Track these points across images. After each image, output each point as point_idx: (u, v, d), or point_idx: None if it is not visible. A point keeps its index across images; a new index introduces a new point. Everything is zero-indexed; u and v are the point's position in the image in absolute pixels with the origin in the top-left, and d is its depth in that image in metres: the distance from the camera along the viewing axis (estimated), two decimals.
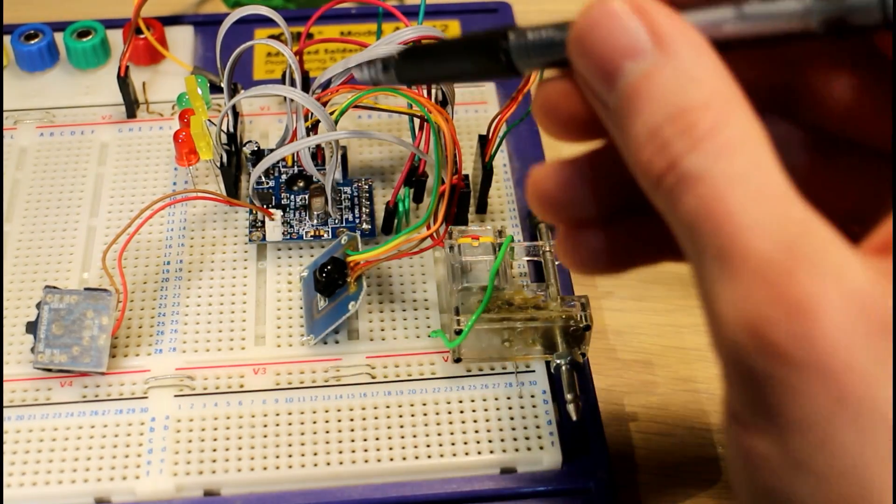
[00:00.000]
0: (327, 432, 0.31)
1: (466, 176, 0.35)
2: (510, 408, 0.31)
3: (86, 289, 0.32)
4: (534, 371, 0.32)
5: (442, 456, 0.30)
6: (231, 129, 0.37)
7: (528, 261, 0.35)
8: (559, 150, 0.39)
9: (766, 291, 0.16)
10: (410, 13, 0.35)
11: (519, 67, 0.22)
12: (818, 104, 0.21)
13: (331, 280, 0.32)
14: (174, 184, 0.38)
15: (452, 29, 0.44)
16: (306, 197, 0.36)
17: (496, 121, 0.34)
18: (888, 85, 0.20)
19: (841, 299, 0.16)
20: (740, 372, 0.17)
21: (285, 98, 0.34)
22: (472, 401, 0.32)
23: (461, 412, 0.31)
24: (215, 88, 0.39)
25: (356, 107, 0.34)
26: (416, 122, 0.35)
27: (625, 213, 0.23)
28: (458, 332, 0.31)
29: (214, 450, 0.30)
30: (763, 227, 0.17)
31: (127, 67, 0.39)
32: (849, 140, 0.21)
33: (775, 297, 0.16)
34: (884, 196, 0.20)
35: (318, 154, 0.37)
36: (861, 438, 0.16)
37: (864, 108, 0.21)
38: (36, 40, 0.41)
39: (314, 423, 0.31)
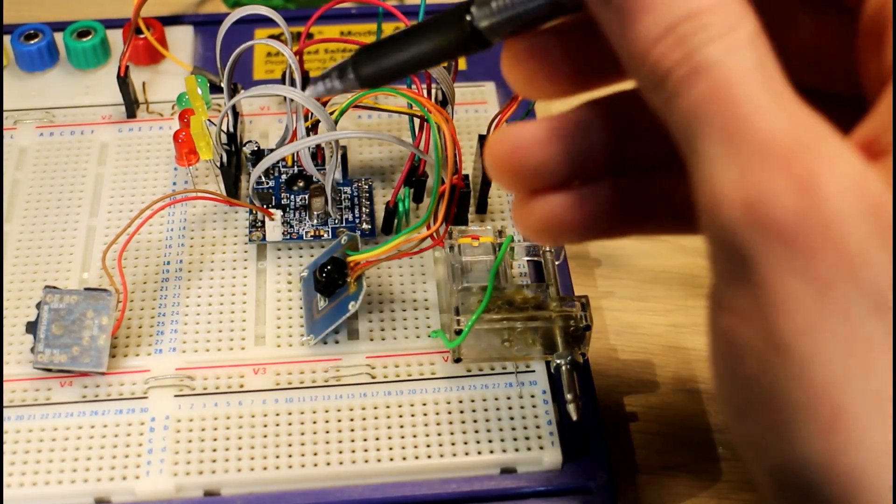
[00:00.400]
0: (327, 432, 0.31)
1: (466, 176, 0.35)
2: (510, 408, 0.31)
3: (86, 289, 0.32)
4: (534, 371, 0.32)
5: (442, 456, 0.30)
6: (231, 129, 0.37)
7: (528, 261, 0.35)
8: None
9: (771, 168, 0.16)
10: (410, 13, 0.35)
11: (487, 37, 0.21)
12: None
13: (331, 280, 0.32)
14: (174, 184, 0.38)
15: None
16: (306, 197, 0.36)
17: (496, 121, 0.34)
18: (849, 27, 0.20)
19: (843, 182, 0.16)
20: (730, 252, 0.17)
21: (285, 98, 0.34)
22: (472, 401, 0.32)
23: (461, 412, 0.31)
24: (215, 88, 0.39)
25: (356, 107, 0.35)
26: (416, 122, 0.35)
27: (597, 176, 0.23)
28: (458, 332, 0.31)
29: (214, 450, 0.30)
30: (771, 112, 0.17)
31: (127, 67, 0.39)
32: (811, 88, 0.22)
33: (781, 173, 0.16)
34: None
35: (317, 154, 0.37)
36: (848, 325, 0.16)
37: (828, 52, 0.21)
38: (36, 40, 0.41)
39: (314, 423, 0.31)
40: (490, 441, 0.31)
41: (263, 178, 0.37)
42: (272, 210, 0.36)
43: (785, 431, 0.17)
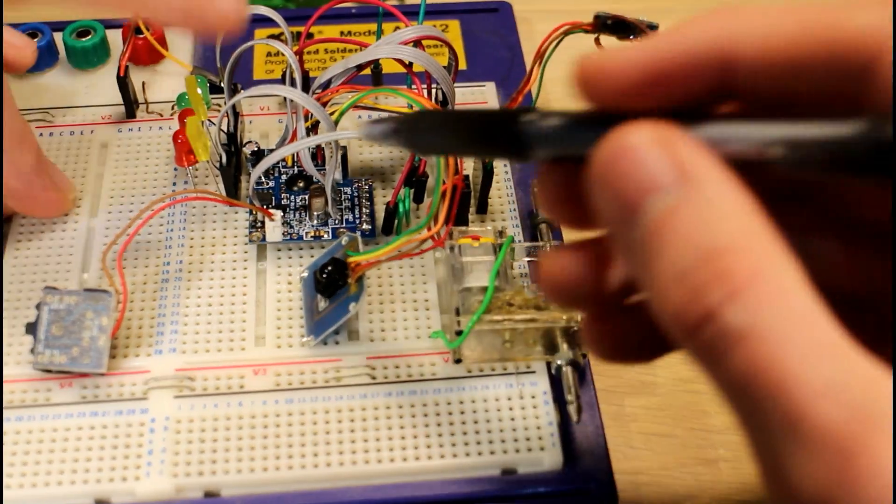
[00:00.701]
0: (328, 433, 0.31)
1: (467, 176, 0.35)
2: (511, 409, 0.31)
3: (85, 289, 0.32)
4: (534, 372, 0.32)
5: (442, 457, 0.30)
6: (231, 130, 0.37)
7: (528, 261, 0.35)
8: None
9: (843, 471, 0.15)
10: (410, 13, 0.35)
11: (533, 154, 0.20)
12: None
13: (331, 281, 0.32)
14: (174, 184, 0.38)
15: (452, 29, 0.44)
16: (306, 197, 0.36)
17: None
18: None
19: None
20: None
21: (285, 98, 0.34)
22: (473, 402, 0.32)
23: (462, 413, 0.31)
24: (215, 88, 0.39)
25: (356, 107, 0.34)
26: None
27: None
28: (459, 333, 0.31)
29: (214, 451, 0.30)
30: (830, 391, 0.15)
31: (126, 67, 0.39)
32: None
33: (854, 479, 0.15)
34: None
35: (318, 154, 0.37)
36: None
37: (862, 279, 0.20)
38: (35, 40, 0.41)
39: (314, 423, 0.31)
40: (490, 442, 0.31)
41: (263, 179, 0.37)
42: (272, 210, 0.36)
43: None
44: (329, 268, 0.32)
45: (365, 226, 0.36)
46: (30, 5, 0.26)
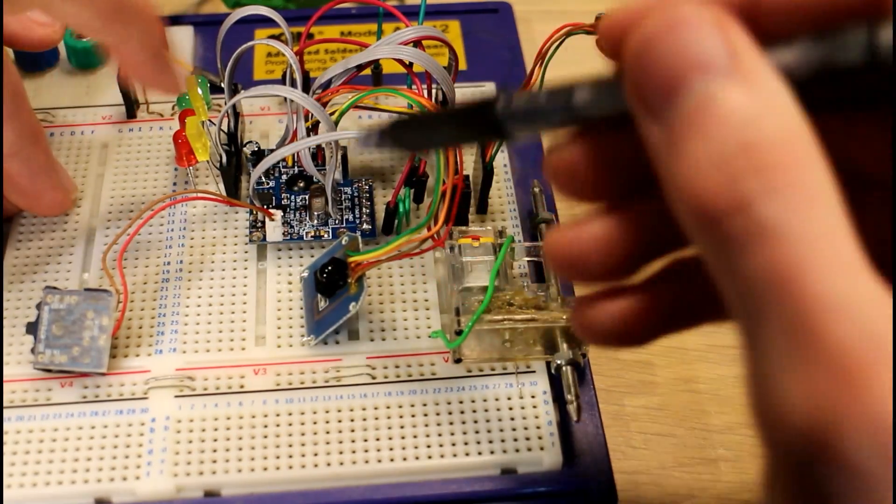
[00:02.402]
0: (328, 433, 0.31)
1: (467, 176, 0.35)
2: (511, 408, 0.31)
3: (86, 289, 0.32)
4: (534, 371, 0.32)
5: (442, 456, 0.30)
6: (231, 130, 0.37)
7: (528, 261, 0.35)
8: None
9: (848, 392, 0.14)
10: (410, 13, 0.35)
11: (512, 134, 0.21)
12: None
13: (332, 281, 0.32)
14: (174, 184, 0.38)
15: (453, 29, 0.44)
16: (306, 197, 0.36)
17: None
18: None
19: None
20: (791, 468, 0.16)
21: (285, 98, 0.34)
22: (473, 401, 0.32)
23: (462, 413, 0.31)
24: (216, 88, 0.39)
25: (356, 107, 0.34)
26: None
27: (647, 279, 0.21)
28: (459, 333, 0.31)
29: (215, 450, 0.30)
30: (846, 310, 0.15)
31: None
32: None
33: (854, 407, 0.14)
34: None
35: (318, 154, 0.37)
36: None
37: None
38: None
39: (314, 423, 0.31)
40: (490, 442, 0.31)
41: (264, 179, 0.37)
42: (272, 210, 0.36)
43: None
44: (329, 268, 0.32)
45: (365, 226, 0.36)
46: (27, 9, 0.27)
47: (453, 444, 0.30)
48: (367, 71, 0.37)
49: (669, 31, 0.17)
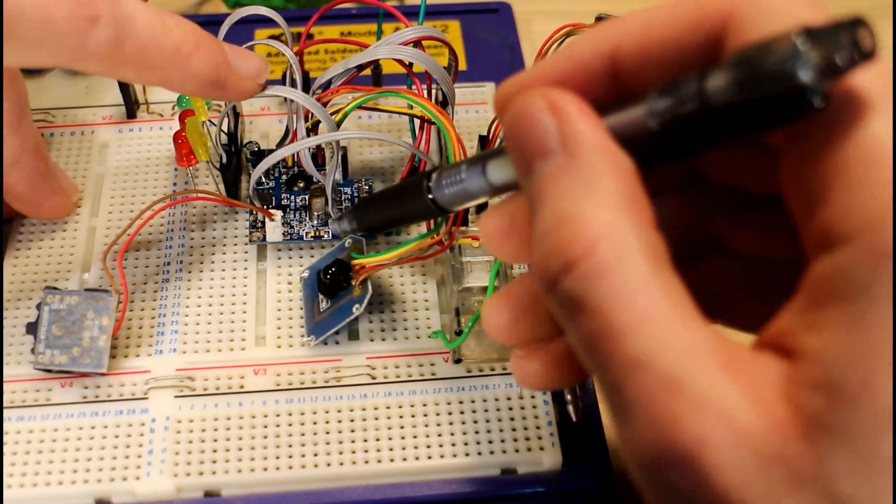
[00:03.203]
0: (328, 433, 0.31)
1: None
2: (510, 408, 0.31)
3: (86, 289, 0.32)
4: None
5: (442, 457, 0.30)
6: (231, 130, 0.37)
7: None
8: None
9: (656, 437, 0.16)
10: (410, 13, 0.35)
11: (448, 209, 0.24)
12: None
13: (335, 282, 0.32)
14: (174, 184, 0.38)
15: (452, 29, 0.44)
16: (307, 198, 0.36)
17: (496, 121, 0.34)
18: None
19: (729, 439, 0.16)
20: (648, 479, 0.17)
21: (285, 98, 0.34)
22: (473, 401, 0.32)
23: (461, 413, 0.31)
24: None
25: (356, 107, 0.34)
26: (417, 122, 0.35)
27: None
28: (459, 333, 0.31)
29: (215, 451, 0.30)
30: (647, 361, 0.16)
31: None
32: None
33: (665, 444, 0.16)
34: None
35: (318, 155, 0.37)
36: None
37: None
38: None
39: (314, 423, 0.31)
40: (490, 442, 0.31)
41: (264, 179, 0.37)
42: (272, 211, 0.36)
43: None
44: (333, 269, 0.32)
45: None
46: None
47: (453, 445, 0.30)
48: (367, 71, 0.37)
49: (518, 121, 0.19)
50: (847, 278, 0.16)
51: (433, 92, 0.35)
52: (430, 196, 0.23)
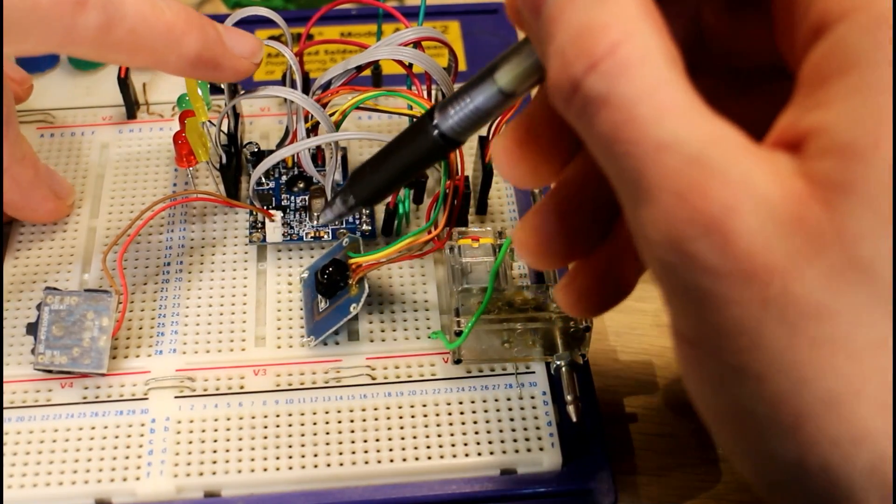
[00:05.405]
0: (327, 433, 0.31)
1: (467, 177, 0.35)
2: (510, 409, 0.31)
3: (86, 290, 0.32)
4: (534, 372, 0.32)
5: (442, 457, 0.30)
6: (231, 131, 0.37)
7: None
8: None
9: (681, 209, 0.17)
10: (410, 14, 0.35)
11: (456, 138, 0.23)
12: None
13: (332, 282, 0.32)
14: (174, 185, 0.38)
15: (452, 30, 0.44)
16: (306, 198, 0.36)
17: (496, 122, 0.34)
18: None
19: (752, 206, 0.16)
20: (675, 289, 0.18)
21: (285, 99, 0.34)
22: (473, 402, 0.32)
23: (461, 413, 0.31)
24: (215, 89, 0.39)
25: (356, 108, 0.34)
26: None
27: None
28: (459, 334, 0.31)
29: (215, 451, 0.30)
30: (671, 144, 0.17)
31: (127, 69, 0.39)
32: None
33: (691, 214, 0.17)
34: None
35: (318, 155, 0.37)
36: (789, 333, 0.16)
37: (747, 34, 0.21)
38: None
39: (314, 424, 0.31)
40: (490, 442, 0.31)
41: (264, 180, 0.37)
42: (272, 211, 0.36)
43: (759, 440, 0.18)
44: (330, 269, 0.32)
45: (365, 227, 0.36)
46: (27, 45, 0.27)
47: (453, 445, 0.31)
48: (367, 72, 0.37)
49: None
50: (847, 49, 0.16)
51: (433, 92, 0.35)
52: (437, 132, 0.23)
